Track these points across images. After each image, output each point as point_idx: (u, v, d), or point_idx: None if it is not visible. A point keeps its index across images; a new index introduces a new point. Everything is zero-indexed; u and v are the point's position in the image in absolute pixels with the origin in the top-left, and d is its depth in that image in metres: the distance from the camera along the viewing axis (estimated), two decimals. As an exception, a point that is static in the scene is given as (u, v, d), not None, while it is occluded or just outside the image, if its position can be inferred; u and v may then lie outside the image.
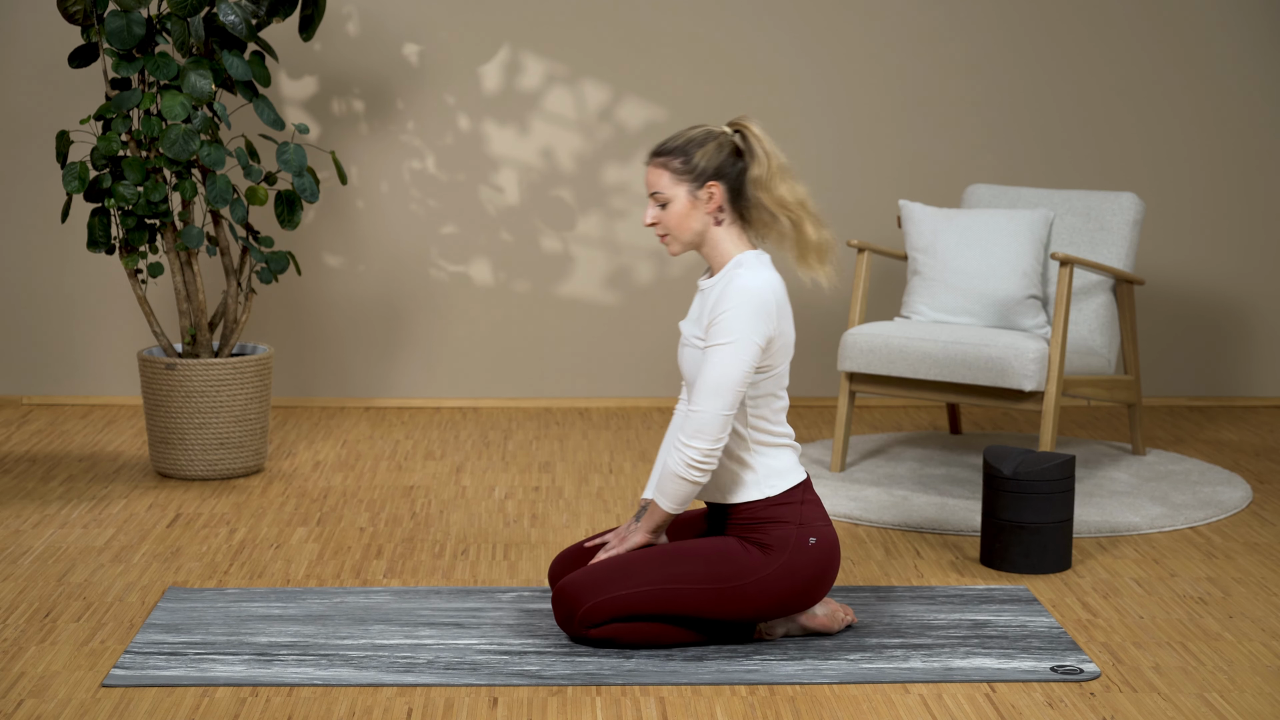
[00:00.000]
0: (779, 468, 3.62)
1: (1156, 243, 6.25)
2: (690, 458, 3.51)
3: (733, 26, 6.11)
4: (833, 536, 3.65)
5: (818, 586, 3.62)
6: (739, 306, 3.49)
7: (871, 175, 6.20)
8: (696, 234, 3.60)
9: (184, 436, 5.05)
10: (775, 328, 3.53)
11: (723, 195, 3.58)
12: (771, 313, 3.52)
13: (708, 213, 3.58)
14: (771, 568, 3.56)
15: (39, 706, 3.30)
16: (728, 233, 3.61)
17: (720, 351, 3.49)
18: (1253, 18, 6.15)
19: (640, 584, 3.53)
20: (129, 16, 4.88)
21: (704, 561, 3.55)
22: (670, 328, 6.23)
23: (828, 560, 3.62)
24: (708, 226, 3.60)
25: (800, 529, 3.59)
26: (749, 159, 3.59)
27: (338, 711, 3.29)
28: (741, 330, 3.49)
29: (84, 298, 6.15)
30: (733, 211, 3.60)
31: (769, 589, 3.56)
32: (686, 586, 3.53)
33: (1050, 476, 4.17)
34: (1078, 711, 3.32)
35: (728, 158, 3.58)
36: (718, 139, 3.58)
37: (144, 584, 4.08)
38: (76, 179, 4.93)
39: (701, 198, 3.57)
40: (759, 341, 3.50)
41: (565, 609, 3.57)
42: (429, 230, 6.15)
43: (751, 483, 3.61)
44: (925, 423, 6.03)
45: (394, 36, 6.07)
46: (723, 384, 3.49)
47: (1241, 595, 4.06)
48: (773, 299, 3.52)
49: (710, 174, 3.56)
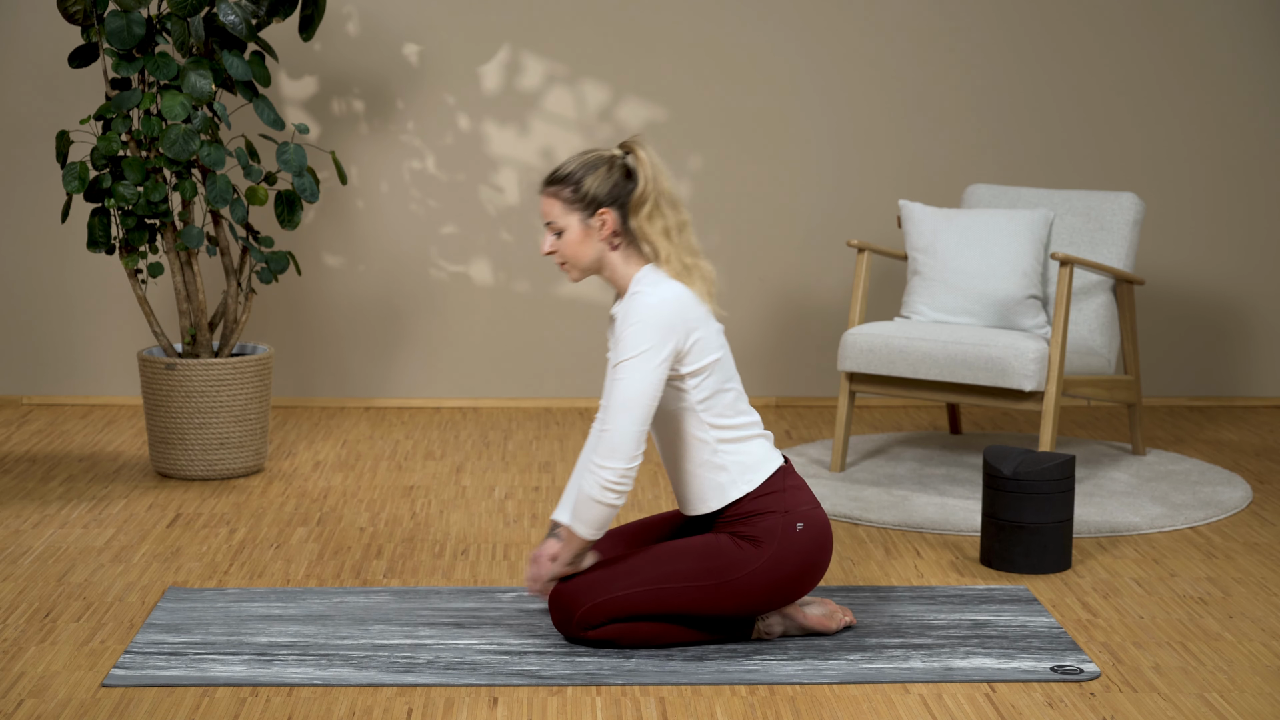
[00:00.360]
0: (751, 461, 3.61)
1: (1156, 243, 6.25)
2: (606, 479, 3.47)
3: (733, 27, 6.11)
4: (822, 519, 3.64)
5: (812, 571, 3.61)
6: (638, 323, 3.47)
7: (871, 175, 6.20)
8: (594, 260, 3.58)
9: (184, 436, 5.05)
10: (683, 337, 3.50)
11: (615, 221, 3.55)
12: (674, 325, 3.49)
13: (602, 239, 3.57)
14: (763, 559, 3.55)
15: (39, 706, 3.30)
16: (625, 256, 3.59)
17: (624, 368, 3.47)
18: (1253, 18, 6.15)
19: (635, 584, 3.53)
20: (129, 16, 4.88)
21: (696, 558, 3.55)
22: (670, 328, 6.22)
23: (819, 544, 3.61)
24: (604, 253, 3.58)
25: (786, 517, 3.58)
26: (638, 183, 3.56)
27: (338, 711, 3.29)
28: (643, 346, 3.46)
29: (84, 298, 6.15)
30: (628, 235, 3.58)
31: (763, 580, 3.56)
32: (681, 584, 3.53)
33: (1050, 476, 4.17)
34: (1078, 711, 3.32)
35: (619, 182, 3.55)
36: (608, 163, 3.56)
37: (144, 584, 4.08)
38: (76, 179, 4.93)
39: (594, 225, 3.56)
40: (663, 355, 3.47)
41: (562, 612, 3.58)
42: (429, 230, 6.15)
43: (728, 483, 3.60)
44: (925, 423, 6.03)
45: (394, 36, 6.07)
46: (630, 399, 3.47)
47: (1241, 595, 4.06)
48: (673, 311, 3.49)
49: (601, 201, 3.54)
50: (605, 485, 3.48)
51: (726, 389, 3.60)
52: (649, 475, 5.14)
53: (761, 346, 6.26)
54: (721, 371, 3.58)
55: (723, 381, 3.59)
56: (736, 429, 3.61)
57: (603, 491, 3.48)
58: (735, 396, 3.62)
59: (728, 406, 3.60)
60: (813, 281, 6.24)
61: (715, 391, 3.57)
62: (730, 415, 3.60)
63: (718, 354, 3.57)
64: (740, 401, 3.63)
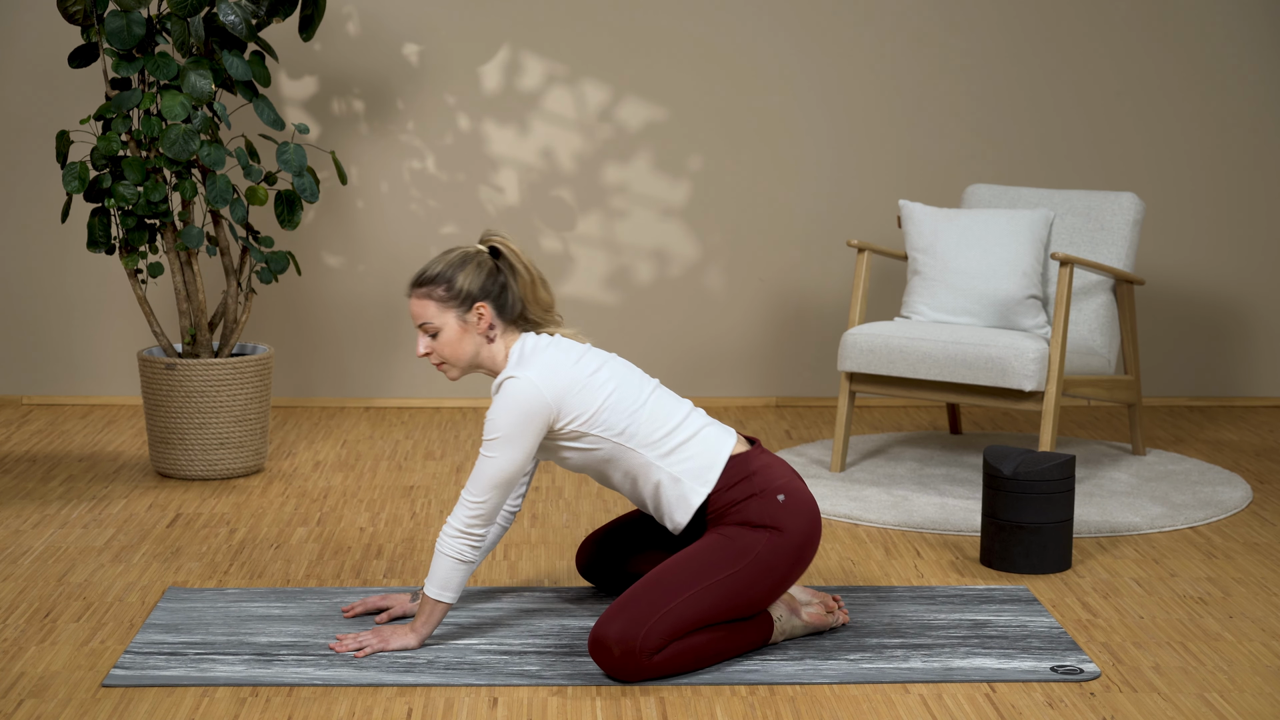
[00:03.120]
0: (703, 461, 3.60)
1: (1156, 243, 6.25)
2: (472, 542, 3.56)
3: (733, 27, 6.11)
4: (799, 485, 3.63)
5: (813, 534, 3.61)
6: (503, 410, 3.51)
7: (871, 175, 6.20)
8: (472, 355, 3.62)
9: (184, 436, 5.05)
10: (555, 412, 3.53)
11: (491, 313, 3.60)
12: (538, 407, 3.51)
13: (479, 333, 3.60)
14: (765, 538, 3.55)
15: (39, 706, 3.30)
16: (500, 344, 3.63)
17: (494, 447, 3.51)
18: (1253, 18, 6.16)
19: (677, 593, 3.48)
20: (129, 16, 4.88)
21: (714, 551, 3.54)
22: (670, 327, 6.23)
23: (806, 507, 3.61)
24: (481, 346, 3.62)
25: (764, 496, 3.57)
26: (509, 274, 3.61)
27: (338, 711, 3.29)
28: (512, 429, 3.51)
29: (84, 298, 6.15)
30: (502, 324, 3.62)
31: (777, 553, 3.55)
32: (716, 578, 3.50)
33: (1050, 476, 4.17)
34: (1078, 711, 3.32)
35: (489, 275, 3.60)
36: (476, 259, 3.60)
37: (144, 584, 4.08)
38: (76, 179, 4.94)
39: (471, 320, 3.59)
40: (531, 435, 3.52)
41: (620, 648, 3.42)
42: (429, 230, 6.15)
43: (689, 492, 3.59)
44: (925, 423, 6.03)
45: (394, 36, 6.07)
46: (501, 478, 3.53)
47: (1241, 595, 4.06)
48: (537, 393, 3.51)
49: (476, 295, 3.58)
50: (472, 546, 3.55)
51: (640, 409, 3.59)
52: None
53: (761, 346, 6.26)
54: (624, 399, 3.59)
55: (632, 406, 3.59)
56: (670, 439, 3.60)
57: (472, 552, 3.56)
58: (654, 408, 3.62)
59: (650, 423, 3.60)
60: (813, 281, 6.24)
61: (629, 420, 3.58)
62: (658, 429, 3.60)
63: (608, 389, 3.58)
64: (662, 409, 3.62)
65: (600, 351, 3.66)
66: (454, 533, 3.55)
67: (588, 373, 3.59)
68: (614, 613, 3.45)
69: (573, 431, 3.57)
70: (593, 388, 3.57)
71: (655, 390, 3.65)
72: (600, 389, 3.57)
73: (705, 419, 3.66)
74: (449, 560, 3.55)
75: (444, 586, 3.57)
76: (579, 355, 3.61)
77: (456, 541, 3.55)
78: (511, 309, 3.62)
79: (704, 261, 6.22)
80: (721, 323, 6.25)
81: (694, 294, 6.23)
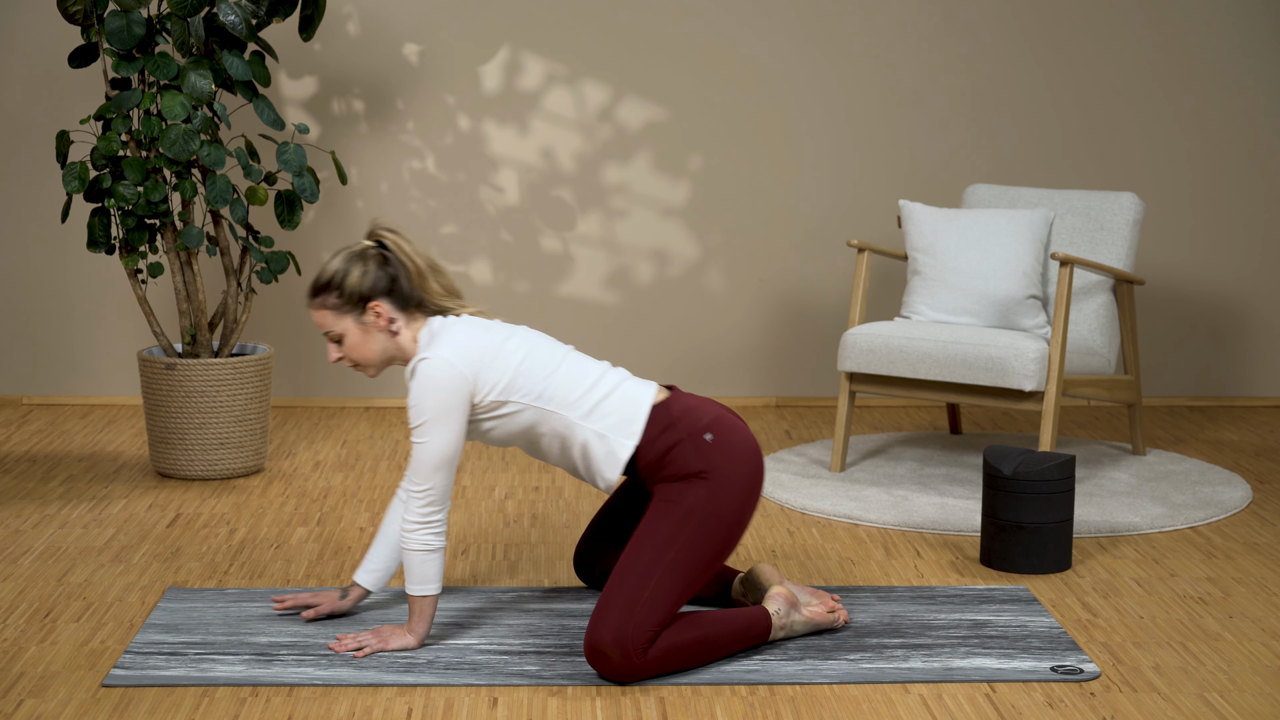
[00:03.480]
0: (625, 415, 3.58)
1: (1156, 243, 6.25)
2: (436, 529, 3.54)
3: (733, 27, 6.11)
4: (727, 418, 3.61)
5: (747, 463, 3.57)
6: (423, 392, 3.51)
7: (871, 175, 6.20)
8: (382, 352, 3.63)
9: (184, 436, 5.05)
10: (473, 383, 3.53)
11: (388, 309, 3.60)
12: (456, 381, 3.51)
13: (381, 330, 3.61)
14: (704, 490, 3.53)
15: (39, 706, 3.30)
16: (407, 334, 3.63)
17: (424, 431, 3.51)
18: (1253, 18, 6.16)
19: (646, 582, 3.47)
20: (129, 16, 4.88)
21: (662, 524, 3.51)
22: (670, 327, 6.23)
23: (736, 438, 3.58)
24: (387, 341, 3.62)
25: (691, 440, 3.56)
26: (396, 267, 3.61)
27: (338, 711, 3.29)
28: (433, 411, 3.51)
29: (84, 298, 6.15)
30: (404, 315, 3.62)
31: (721, 498, 3.52)
32: (675, 551, 3.48)
33: (1050, 476, 4.17)
34: (1078, 711, 3.32)
35: (377, 272, 3.60)
36: (361, 258, 3.60)
37: (144, 584, 4.08)
38: (76, 179, 4.94)
39: (369, 320, 3.60)
40: (457, 411, 3.52)
41: (616, 652, 3.41)
42: (429, 230, 6.16)
43: (615, 446, 3.58)
44: (925, 423, 6.03)
45: (394, 36, 6.07)
46: (440, 460, 3.52)
47: (1241, 595, 4.06)
48: (451, 368, 3.51)
49: (368, 295, 3.59)
50: (435, 534, 3.54)
51: (555, 371, 3.59)
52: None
53: (761, 346, 6.26)
54: (538, 363, 3.59)
55: (547, 370, 3.59)
56: (588, 397, 3.59)
57: (436, 539, 3.54)
58: (569, 368, 3.61)
59: (567, 383, 3.59)
60: (813, 281, 6.24)
61: (544, 383, 3.57)
62: (575, 388, 3.59)
63: (521, 354, 3.58)
64: (577, 369, 3.62)
65: (509, 324, 3.67)
66: (413, 526, 3.54)
67: (498, 341, 3.59)
68: (597, 619, 3.44)
69: (492, 402, 3.56)
70: (505, 354, 3.57)
71: (569, 353, 3.66)
72: (513, 354, 3.57)
73: (623, 375, 3.66)
74: (418, 555, 3.54)
75: (424, 581, 3.56)
76: (487, 327, 3.62)
77: (419, 534, 3.54)
78: (408, 299, 3.62)
79: (704, 261, 6.22)
80: (721, 323, 6.25)
81: (694, 294, 6.23)
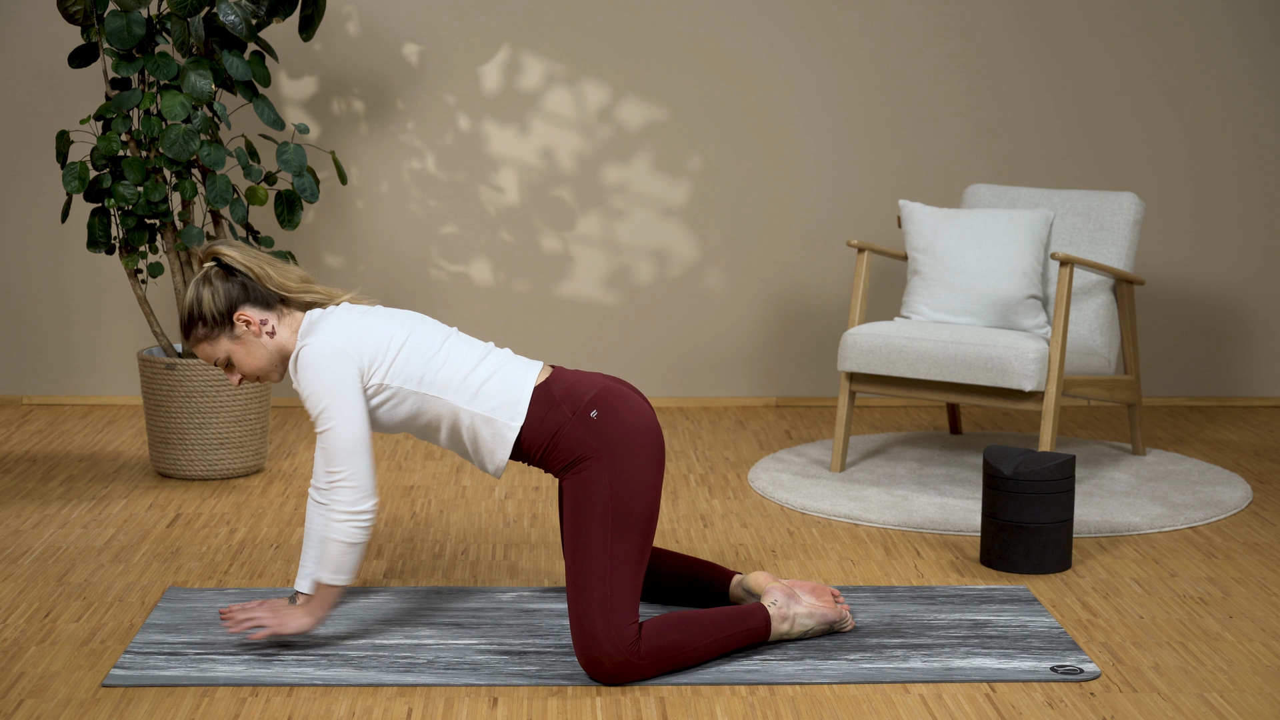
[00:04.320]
0: (509, 396, 3.56)
1: (1156, 243, 6.25)
2: (362, 522, 3.51)
3: (733, 27, 6.11)
4: (610, 386, 3.58)
5: (640, 426, 3.55)
6: (310, 379, 3.50)
7: (871, 175, 6.20)
8: (270, 356, 3.62)
9: (184, 436, 5.05)
10: (357, 364, 3.52)
11: (253, 313, 3.60)
12: (340, 360, 3.50)
13: (258, 336, 3.61)
14: (604, 470, 3.50)
15: (39, 706, 3.30)
16: (285, 331, 3.63)
17: (326, 418, 3.49)
18: (1253, 18, 6.16)
19: (599, 581, 3.44)
20: (129, 16, 4.88)
21: (582, 517, 3.49)
22: (670, 327, 6.23)
23: (622, 404, 3.56)
24: (269, 345, 3.62)
25: (577, 419, 3.53)
26: (243, 276, 3.61)
27: (338, 711, 3.29)
28: (327, 394, 3.49)
29: (84, 298, 6.15)
30: (273, 314, 3.62)
31: (622, 470, 3.50)
32: (606, 542, 3.46)
33: (1050, 476, 4.17)
34: (1078, 711, 3.32)
35: (226, 285, 3.60)
36: (206, 281, 3.60)
37: (144, 584, 4.08)
38: (76, 179, 4.94)
39: (241, 332, 3.60)
40: (350, 392, 3.50)
41: (609, 658, 3.42)
42: (429, 230, 6.16)
43: (502, 428, 3.56)
44: (925, 423, 6.03)
45: (394, 36, 6.07)
46: (352, 443, 3.50)
47: (1241, 595, 4.06)
48: (332, 349, 3.50)
49: (227, 310, 3.59)
50: (362, 527, 3.51)
51: (436, 354, 3.57)
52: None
53: (761, 346, 6.26)
54: (419, 346, 3.57)
55: (428, 353, 3.57)
56: (471, 380, 3.57)
57: (362, 533, 3.51)
58: (450, 351, 3.59)
59: (449, 367, 3.57)
60: (813, 281, 6.24)
61: (425, 366, 3.56)
62: (457, 372, 3.57)
63: (401, 337, 3.56)
64: (459, 352, 3.60)
65: (390, 308, 3.67)
66: (341, 517, 3.50)
67: (378, 323, 3.57)
68: (579, 634, 3.43)
69: (376, 387, 3.54)
70: (386, 336, 3.55)
71: (451, 335, 3.63)
72: (393, 338, 3.56)
73: (506, 355, 3.63)
74: (340, 546, 3.50)
75: (339, 571, 3.52)
76: (365, 310, 3.61)
77: (346, 525, 3.50)
78: (270, 299, 3.61)
79: (704, 261, 6.22)
80: (721, 323, 6.25)
81: (694, 294, 6.23)
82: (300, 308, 3.66)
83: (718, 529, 4.60)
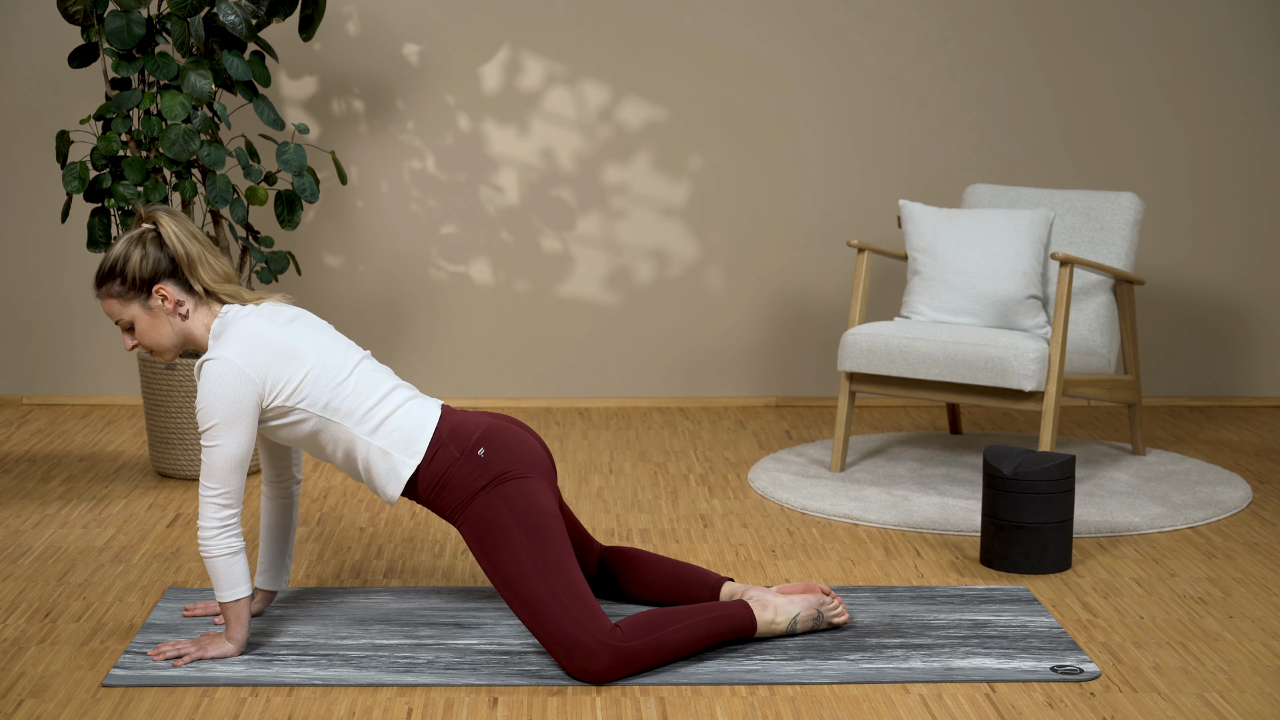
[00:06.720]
0: (407, 433, 3.55)
1: (1156, 243, 6.25)
2: (234, 530, 3.48)
3: (733, 27, 6.11)
4: (495, 424, 3.58)
5: (525, 456, 3.55)
6: (209, 396, 3.47)
7: (871, 175, 6.20)
8: (174, 335, 3.58)
9: (184, 436, 5.05)
10: (260, 389, 3.49)
11: (173, 291, 3.55)
12: (243, 386, 3.47)
13: (170, 314, 3.56)
14: (498, 499, 3.49)
15: (39, 706, 3.30)
16: (198, 318, 3.58)
17: (214, 434, 3.46)
18: (1253, 18, 6.16)
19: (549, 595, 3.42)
20: (129, 16, 4.88)
21: (491, 549, 3.48)
22: (670, 327, 6.23)
23: (506, 438, 3.55)
24: (178, 325, 3.58)
25: (466, 459, 3.53)
26: (171, 251, 3.56)
27: (338, 711, 3.29)
28: (221, 415, 3.46)
29: (84, 298, 6.15)
30: (192, 298, 3.58)
31: (512, 495, 3.49)
32: (533, 555, 3.44)
33: (1050, 476, 4.17)
34: (1078, 711, 3.32)
35: (157, 255, 3.54)
36: (140, 243, 3.54)
37: (144, 584, 4.08)
38: (76, 179, 4.94)
39: (156, 305, 3.56)
40: (243, 416, 3.47)
41: (603, 655, 3.42)
42: (429, 230, 6.16)
43: (398, 464, 3.55)
44: (925, 423, 6.03)
45: (394, 36, 6.07)
46: (233, 461, 3.47)
47: (1241, 595, 4.06)
48: (238, 373, 3.47)
49: (149, 279, 3.54)
50: (236, 535, 3.49)
51: (343, 382, 3.54)
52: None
53: (761, 346, 6.26)
54: (327, 372, 3.54)
55: (335, 379, 3.54)
56: (375, 413, 3.55)
57: (238, 540, 3.49)
58: (358, 381, 3.56)
59: (354, 397, 3.55)
60: (813, 281, 6.24)
61: (331, 393, 3.53)
62: (362, 403, 3.55)
63: (310, 360, 3.52)
64: (366, 383, 3.57)
65: (308, 319, 3.61)
66: (213, 532, 3.47)
67: (290, 342, 3.53)
68: (556, 653, 3.43)
69: (278, 408, 3.51)
70: (296, 358, 3.52)
71: (361, 362, 3.60)
72: (303, 361, 3.52)
73: (410, 392, 3.61)
74: (224, 560, 3.48)
75: (233, 585, 3.50)
76: (281, 324, 3.55)
77: (219, 540, 3.48)
78: (187, 281, 3.56)
79: (704, 261, 6.22)
80: (721, 323, 6.25)
81: (694, 294, 6.23)
82: (221, 300, 3.60)
83: (718, 529, 4.60)
